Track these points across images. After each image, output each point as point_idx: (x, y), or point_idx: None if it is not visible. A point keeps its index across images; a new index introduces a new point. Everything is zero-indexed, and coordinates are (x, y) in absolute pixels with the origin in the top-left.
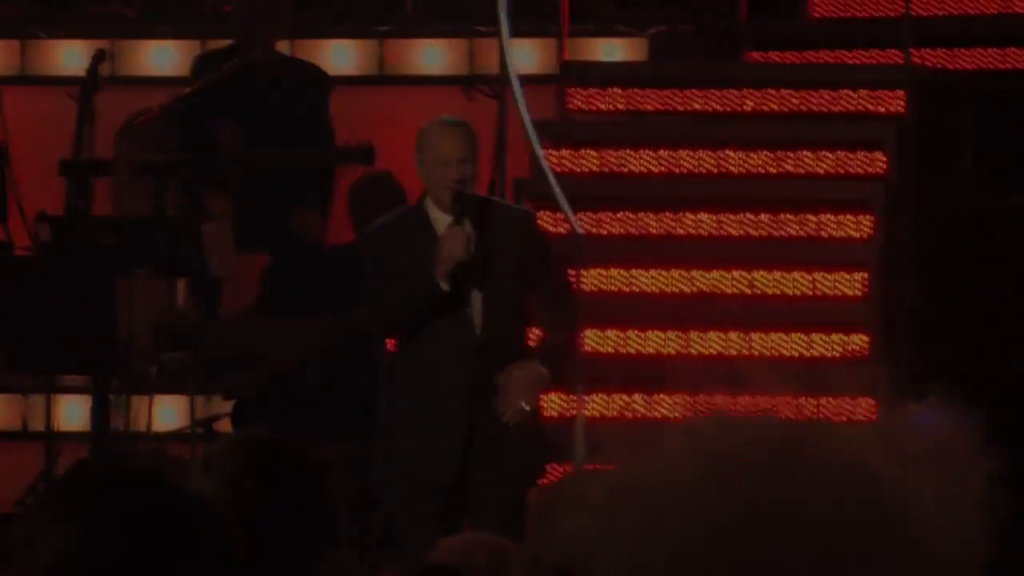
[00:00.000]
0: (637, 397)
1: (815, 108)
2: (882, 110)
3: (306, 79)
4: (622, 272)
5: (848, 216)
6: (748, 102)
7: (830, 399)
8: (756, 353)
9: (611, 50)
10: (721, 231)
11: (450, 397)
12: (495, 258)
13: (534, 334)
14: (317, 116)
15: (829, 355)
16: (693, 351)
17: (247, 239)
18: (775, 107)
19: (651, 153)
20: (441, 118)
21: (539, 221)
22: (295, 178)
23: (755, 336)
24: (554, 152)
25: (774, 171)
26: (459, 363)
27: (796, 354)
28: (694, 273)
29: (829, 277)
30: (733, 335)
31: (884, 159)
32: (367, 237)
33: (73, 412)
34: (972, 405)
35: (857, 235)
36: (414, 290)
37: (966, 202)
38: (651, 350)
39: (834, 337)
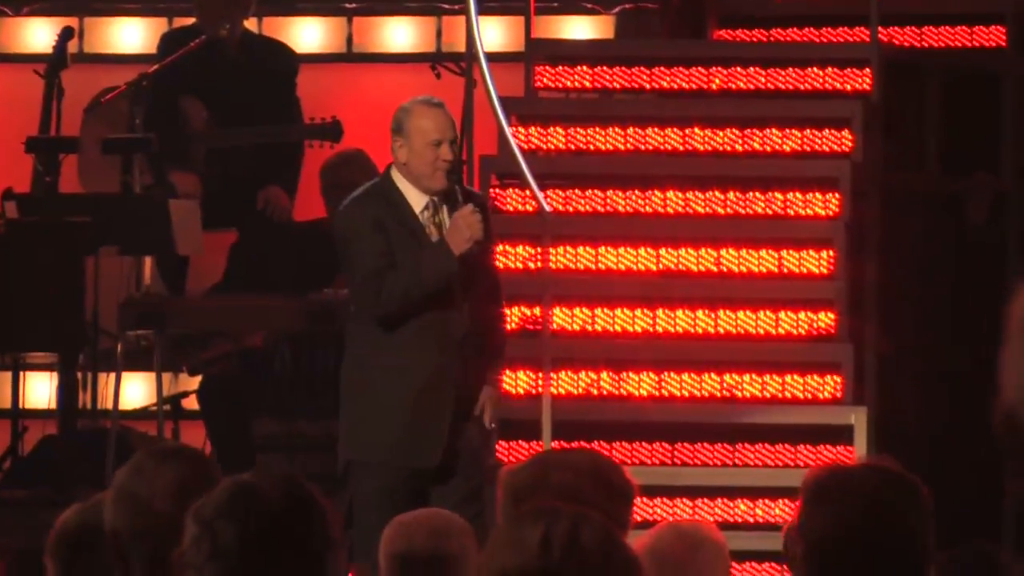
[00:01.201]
0: (604, 375)
1: (782, 86)
2: (849, 88)
3: (273, 57)
4: (589, 250)
5: (815, 194)
6: (715, 80)
7: (797, 376)
8: (723, 330)
9: (578, 28)
10: (688, 209)
11: (439, 384)
12: (484, 242)
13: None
14: (284, 93)
15: (796, 333)
16: (660, 329)
17: (214, 216)
18: (742, 85)
19: (619, 131)
20: (423, 99)
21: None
22: (262, 156)
23: (722, 314)
24: (522, 130)
25: (741, 149)
26: (449, 349)
27: (763, 332)
28: (661, 251)
29: (796, 255)
30: (700, 313)
31: (851, 137)
32: (347, 214)
33: (39, 389)
34: (936, 386)
35: (824, 213)
36: (430, 270)
37: (932, 181)
38: (618, 328)
39: (801, 315)
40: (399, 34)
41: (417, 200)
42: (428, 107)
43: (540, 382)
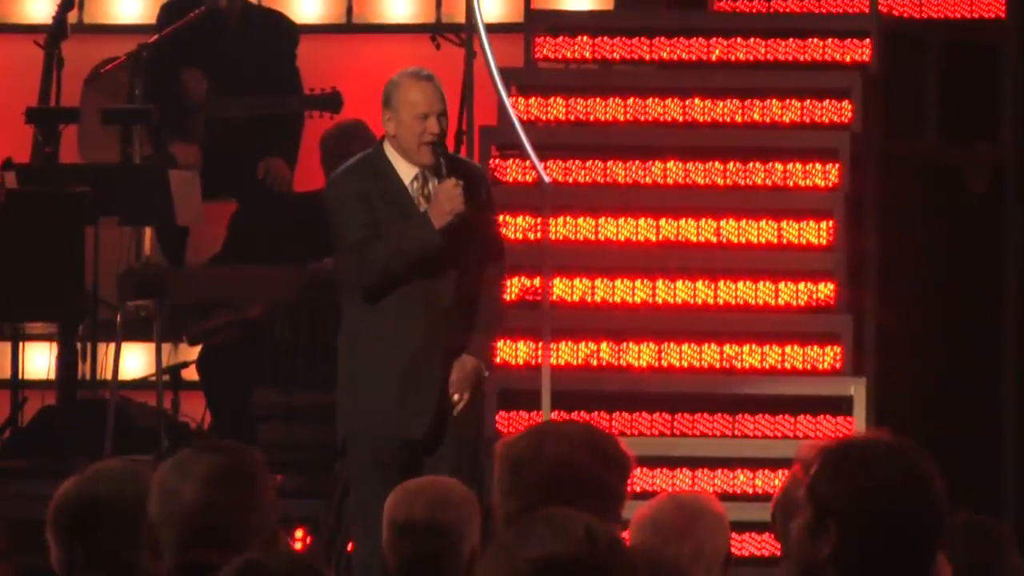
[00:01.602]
0: (604, 345)
1: (783, 57)
2: (849, 59)
3: (273, 27)
4: (589, 220)
5: (815, 165)
6: (716, 50)
7: (797, 347)
8: (723, 301)
9: None
10: (688, 180)
11: (426, 354)
12: (466, 213)
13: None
14: (284, 64)
15: (795, 304)
16: (660, 300)
17: (215, 187)
18: (743, 56)
19: (619, 102)
20: (412, 71)
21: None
22: (262, 126)
23: (722, 285)
24: (521, 100)
25: (741, 120)
26: (435, 319)
27: (763, 303)
28: (661, 222)
29: (796, 226)
30: (700, 283)
31: (850, 108)
32: (334, 185)
33: (39, 360)
34: (935, 357)
35: (824, 184)
36: (412, 242)
37: (931, 151)
38: (618, 299)
39: (800, 286)
40: (399, 5)
41: (406, 172)
42: (416, 80)
43: (540, 352)
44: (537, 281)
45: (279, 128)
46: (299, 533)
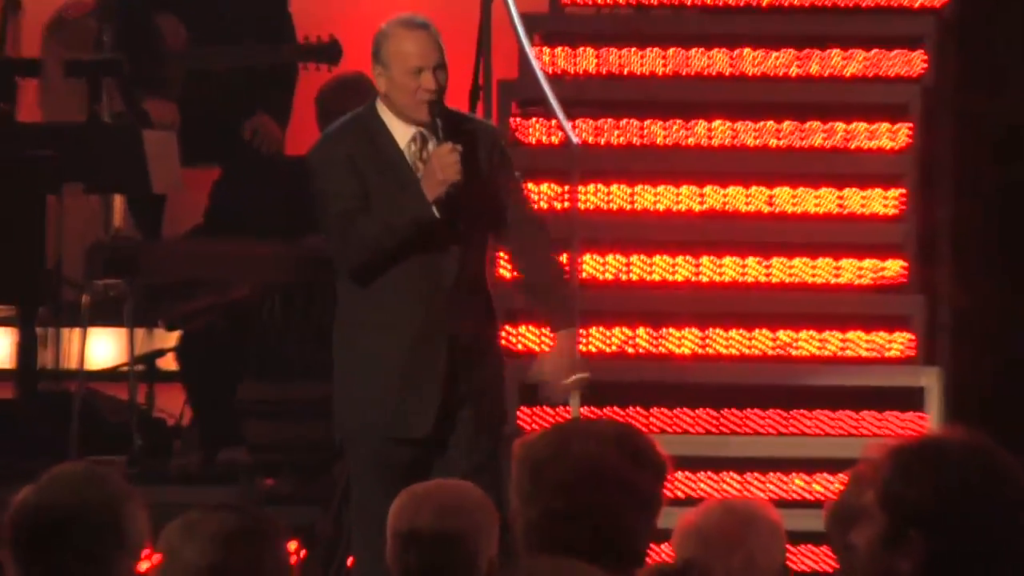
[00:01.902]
0: (641, 331)
1: (845, 0)
2: (920, 3)
3: None
4: (624, 188)
5: (882, 124)
6: None
7: (861, 332)
8: (776, 280)
9: None
10: (737, 141)
11: (428, 343)
12: (469, 181)
13: (508, 273)
14: (274, 7)
15: (859, 283)
16: (705, 278)
17: (195, 150)
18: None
19: (659, 52)
20: (403, 19)
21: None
22: (249, 80)
23: (775, 261)
24: (546, 50)
25: (798, 72)
26: (437, 302)
27: (822, 281)
28: (706, 189)
29: (860, 194)
30: (751, 260)
31: (923, 59)
32: (318, 151)
33: None
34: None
35: (892, 146)
36: (403, 216)
37: (1013, 109)
38: (657, 277)
39: (866, 262)
40: None
41: (402, 133)
42: (408, 29)
43: None
44: (564, 257)
45: (268, 82)
46: (293, 545)
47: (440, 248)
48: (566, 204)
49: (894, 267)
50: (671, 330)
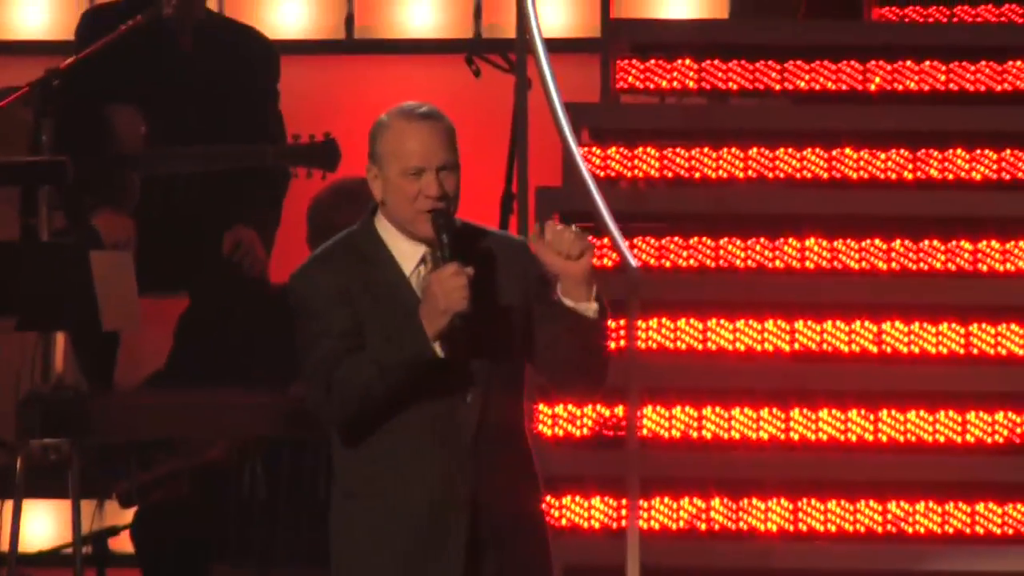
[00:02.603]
0: (716, 502)
1: (971, 87)
2: None
3: (241, 49)
4: (695, 322)
5: (1019, 243)
6: (875, 78)
7: (993, 504)
8: (886, 438)
9: (677, 3)
10: (836, 263)
11: (441, 517)
12: (490, 309)
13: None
14: (256, 101)
15: (991, 441)
16: (796, 436)
17: (156, 275)
18: (914, 86)
19: (736, 152)
20: (405, 108)
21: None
22: (226, 188)
23: (884, 415)
24: (597, 150)
25: (912, 177)
26: (453, 465)
27: (943, 439)
28: (798, 324)
29: (991, 330)
30: (853, 413)
31: None
32: (299, 279)
33: None
34: None
35: None
36: (394, 357)
37: None
38: (736, 435)
39: (998, 416)
40: (419, 13)
41: (407, 253)
42: (408, 121)
43: (624, 512)
44: (620, 410)
45: (250, 190)
46: None
47: (451, 395)
48: (622, 343)
49: None
50: (754, 501)
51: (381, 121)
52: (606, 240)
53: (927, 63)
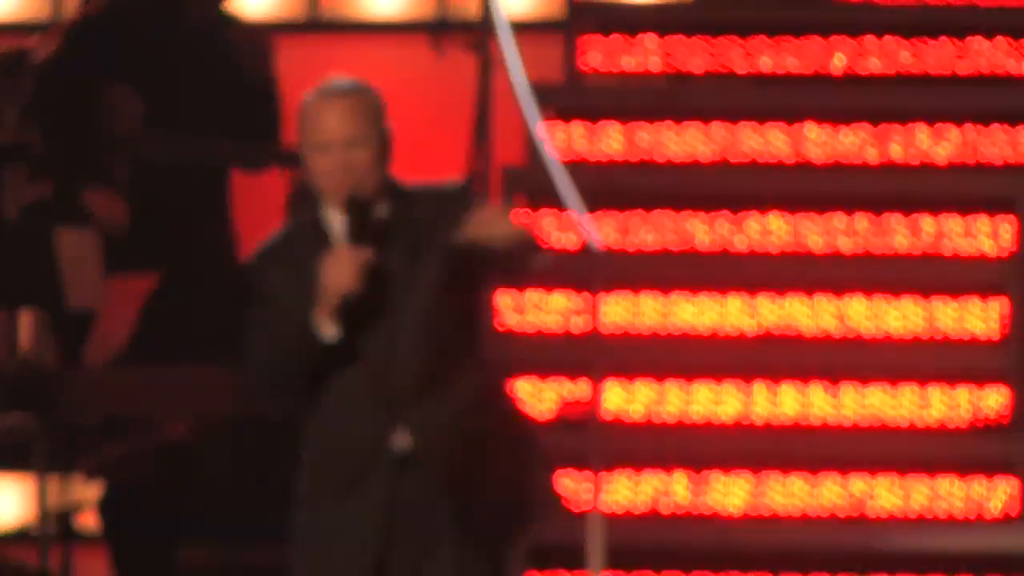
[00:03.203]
0: (679, 481)
1: (933, 66)
2: None
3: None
4: (658, 300)
5: (981, 220)
6: (839, 57)
7: (955, 481)
8: (848, 415)
9: None
10: (798, 242)
11: (367, 470)
12: (421, 272)
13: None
14: (259, 95)
15: (952, 422)
16: (757, 415)
17: (127, 252)
18: (876, 65)
19: (700, 130)
20: (323, 84)
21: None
22: (209, 178)
23: (846, 391)
24: (562, 128)
25: (875, 157)
26: (374, 421)
27: (905, 420)
28: (760, 302)
29: (953, 308)
30: (815, 390)
31: None
32: (252, 263)
33: None
34: None
35: (993, 249)
36: (287, 336)
37: None
38: (698, 412)
39: (960, 394)
40: None
41: (339, 227)
42: (318, 97)
43: (588, 492)
44: (584, 388)
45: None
46: None
47: (386, 359)
48: (585, 320)
49: (995, 401)
50: (717, 478)
51: (304, 99)
52: (570, 218)
53: (889, 39)
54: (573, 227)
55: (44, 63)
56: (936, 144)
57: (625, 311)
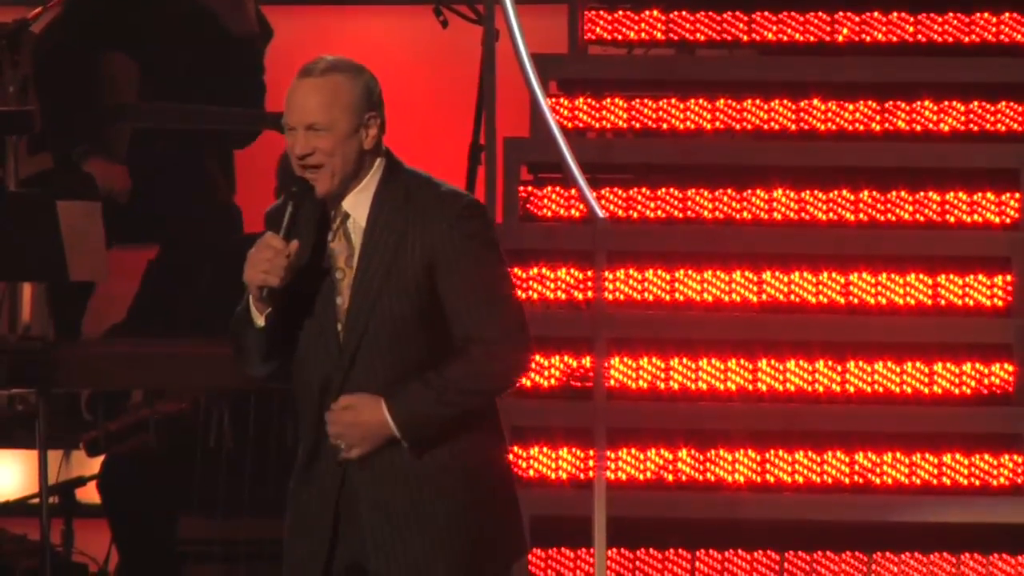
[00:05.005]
0: (683, 453)
1: (939, 38)
2: None
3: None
4: (662, 273)
5: (986, 194)
6: (843, 29)
7: (959, 455)
8: (853, 389)
9: None
10: (804, 215)
11: (325, 469)
12: (395, 274)
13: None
14: (245, 64)
15: (957, 393)
16: (763, 387)
17: (128, 225)
18: (882, 36)
19: (704, 103)
20: (311, 62)
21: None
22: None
23: (852, 366)
24: (565, 101)
25: (880, 128)
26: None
27: (911, 391)
28: (765, 275)
29: (958, 281)
30: (820, 364)
31: None
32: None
33: None
34: None
35: (998, 221)
36: (236, 314)
37: None
38: (703, 386)
39: (965, 367)
40: None
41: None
42: (298, 76)
43: (591, 464)
44: (587, 361)
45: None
46: None
47: (337, 358)
48: (589, 294)
49: (1001, 373)
50: (721, 452)
51: None
52: (573, 191)
53: (895, 14)
54: (576, 200)
55: (43, 34)
56: (942, 117)
57: (629, 285)
